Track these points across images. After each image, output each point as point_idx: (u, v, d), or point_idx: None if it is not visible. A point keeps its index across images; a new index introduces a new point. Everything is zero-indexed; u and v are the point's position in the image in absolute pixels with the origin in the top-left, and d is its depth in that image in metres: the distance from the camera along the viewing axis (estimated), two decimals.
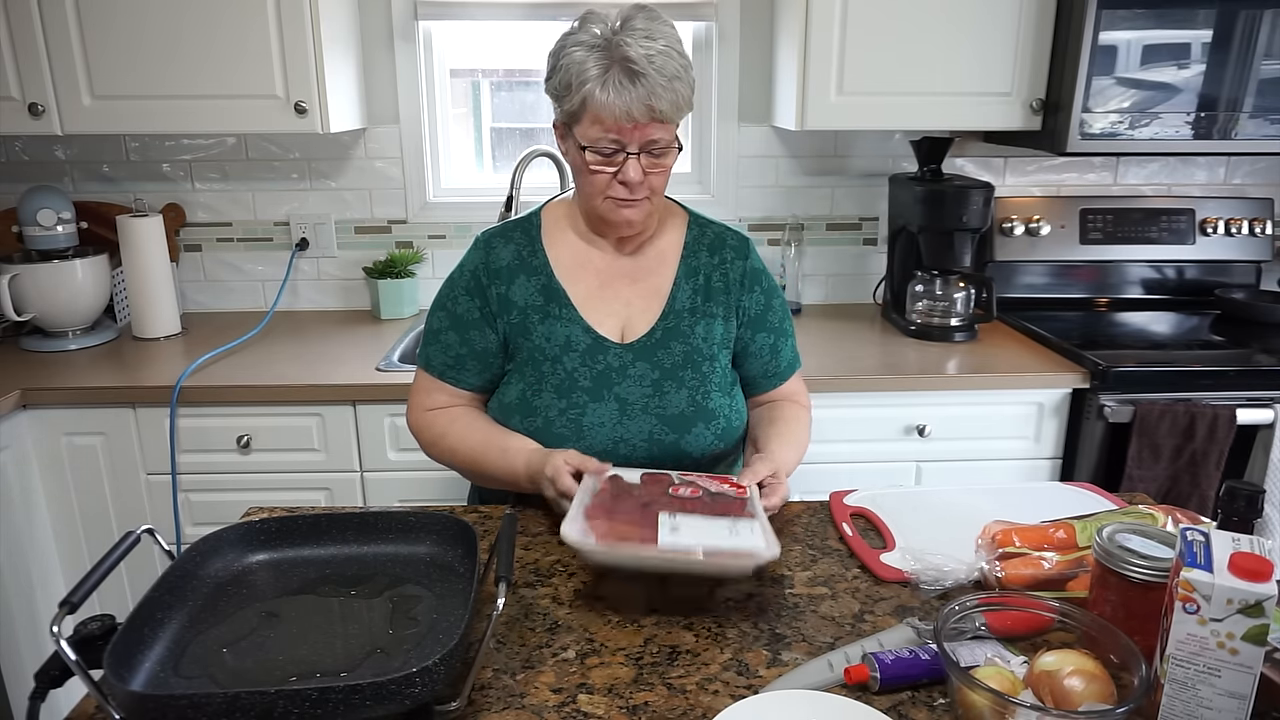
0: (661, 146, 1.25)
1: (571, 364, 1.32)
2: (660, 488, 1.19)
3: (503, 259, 1.36)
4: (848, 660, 0.93)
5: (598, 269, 1.37)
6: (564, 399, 1.32)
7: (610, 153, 1.24)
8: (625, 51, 1.19)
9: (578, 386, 1.32)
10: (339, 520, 1.09)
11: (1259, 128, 2.02)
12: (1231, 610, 0.76)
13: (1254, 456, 1.94)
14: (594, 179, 1.27)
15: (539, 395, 1.32)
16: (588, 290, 1.36)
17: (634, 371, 1.33)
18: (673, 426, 1.32)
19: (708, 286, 1.38)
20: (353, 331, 2.28)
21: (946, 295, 2.22)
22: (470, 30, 2.42)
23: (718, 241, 1.41)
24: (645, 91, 1.19)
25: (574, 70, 1.21)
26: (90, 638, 0.85)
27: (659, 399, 1.33)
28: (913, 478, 2.03)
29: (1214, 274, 2.47)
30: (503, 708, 0.89)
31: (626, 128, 1.21)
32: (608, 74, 1.19)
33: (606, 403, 1.32)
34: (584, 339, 1.33)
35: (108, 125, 2.01)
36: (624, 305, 1.36)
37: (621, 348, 1.34)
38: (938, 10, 2.02)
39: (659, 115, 1.21)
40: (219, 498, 1.96)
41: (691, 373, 1.34)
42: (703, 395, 1.34)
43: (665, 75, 1.20)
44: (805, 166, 2.45)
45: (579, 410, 1.31)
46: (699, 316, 1.36)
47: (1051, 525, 1.08)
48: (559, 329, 1.33)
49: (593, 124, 1.23)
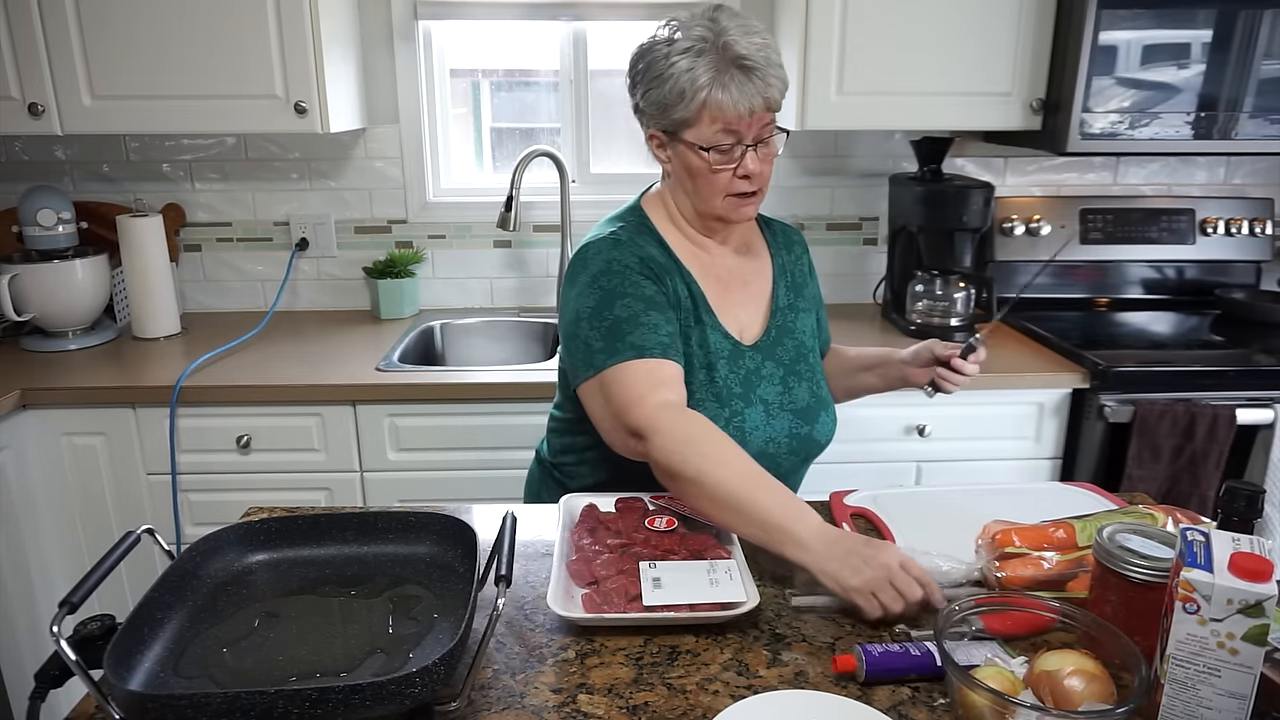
0: (773, 132, 1.27)
1: (721, 371, 1.31)
2: (635, 518, 1.20)
3: (651, 254, 1.29)
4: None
5: (718, 274, 1.37)
6: (726, 407, 1.30)
7: (728, 148, 1.25)
8: (735, 50, 1.20)
9: (732, 393, 1.31)
10: (339, 520, 1.09)
11: (1259, 128, 2.02)
12: (1231, 610, 0.76)
13: (1254, 456, 1.94)
14: (716, 179, 1.27)
15: (701, 406, 1.27)
16: (714, 293, 1.35)
17: (766, 371, 1.35)
18: (805, 419, 1.36)
19: (793, 282, 1.44)
20: (353, 331, 2.28)
21: (946, 295, 2.22)
22: (470, 30, 2.42)
23: (785, 238, 1.48)
24: (761, 84, 1.21)
25: (685, 78, 1.21)
26: (90, 638, 0.85)
27: (789, 395, 1.36)
28: (913, 478, 2.03)
29: (1214, 274, 2.47)
30: (503, 708, 0.89)
31: (746, 121, 1.23)
32: (724, 74, 1.20)
33: (754, 406, 1.32)
34: (725, 344, 1.33)
35: (108, 125, 2.01)
36: (741, 308, 1.37)
37: (752, 350, 1.35)
38: (938, 10, 2.02)
39: (774, 105, 1.24)
40: (219, 498, 1.96)
41: (805, 365, 1.39)
42: (817, 385, 1.40)
43: (774, 65, 1.23)
44: (805, 166, 2.45)
45: (740, 417, 1.31)
46: (796, 312, 1.42)
47: (1051, 525, 1.08)
48: (708, 335, 1.32)
49: (711, 124, 1.23)
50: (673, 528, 1.18)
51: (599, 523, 1.20)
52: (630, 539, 1.15)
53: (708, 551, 1.12)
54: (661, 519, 1.20)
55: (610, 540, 1.15)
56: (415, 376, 1.93)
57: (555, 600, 1.01)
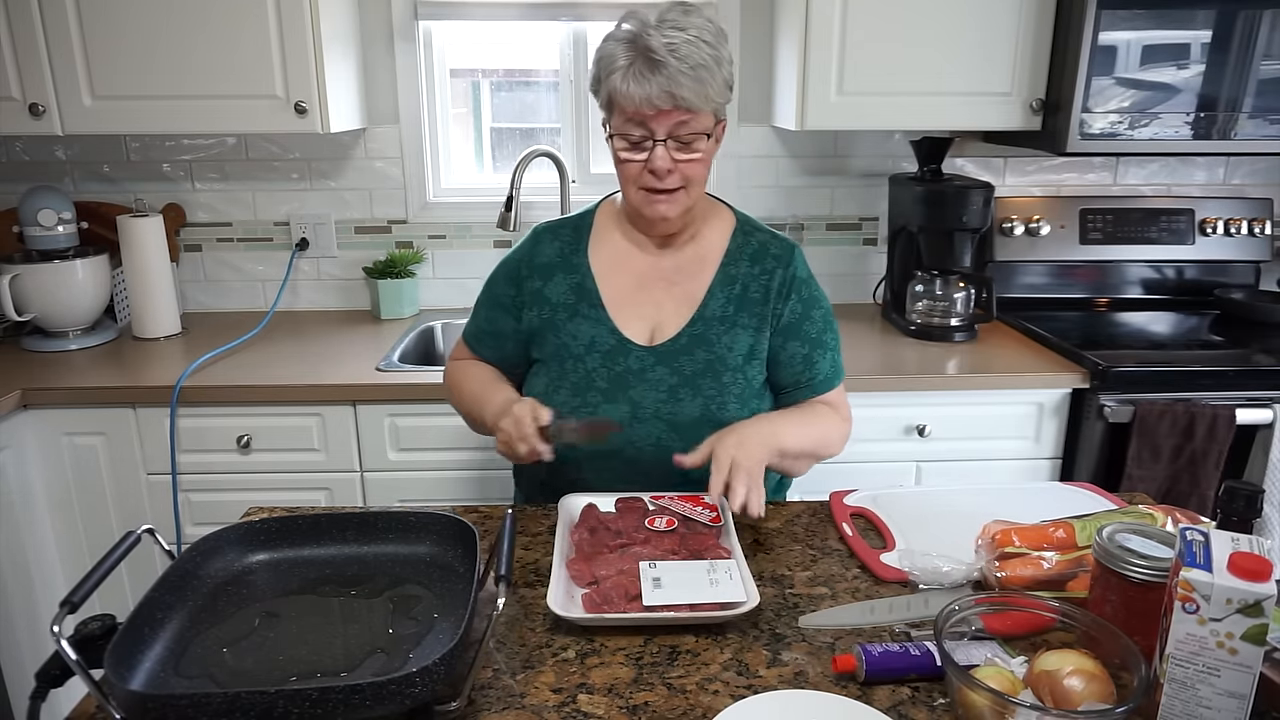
0: (690, 133, 1.26)
1: (592, 364, 1.34)
2: (635, 518, 1.21)
3: (545, 255, 1.40)
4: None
5: (636, 270, 1.38)
6: (578, 397, 1.33)
7: (638, 140, 1.26)
8: (647, 43, 1.21)
9: (594, 386, 1.33)
10: (339, 520, 1.09)
11: (1258, 128, 2.02)
12: (1231, 610, 0.76)
13: (1253, 456, 1.94)
14: (625, 168, 1.29)
15: (557, 392, 1.34)
16: (622, 291, 1.37)
17: (652, 376, 1.33)
18: (682, 434, 1.31)
19: (744, 296, 1.37)
20: (353, 331, 2.28)
21: (946, 295, 2.22)
22: (470, 30, 2.42)
23: (761, 251, 1.40)
24: (666, 79, 1.21)
25: (604, 64, 1.26)
26: (90, 637, 0.85)
27: (672, 405, 1.32)
28: (913, 478, 2.03)
29: (1213, 274, 2.47)
30: (503, 708, 0.89)
31: (649, 114, 1.23)
32: (632, 66, 1.22)
33: (619, 405, 1.32)
34: (608, 340, 1.34)
35: (108, 125, 2.01)
36: (656, 308, 1.37)
37: (644, 351, 1.34)
38: (938, 10, 2.02)
39: (682, 103, 1.22)
40: (219, 498, 1.96)
41: (711, 382, 1.33)
42: (718, 406, 1.32)
43: (688, 64, 1.21)
44: (805, 166, 2.45)
45: (591, 410, 1.32)
46: (728, 326, 1.35)
47: (1051, 525, 1.08)
48: (585, 328, 1.35)
49: (619, 113, 1.26)
50: (673, 528, 1.18)
51: (599, 523, 1.20)
52: (630, 539, 1.15)
53: (708, 551, 1.12)
54: (661, 519, 1.20)
55: (610, 540, 1.15)
56: (415, 376, 1.93)
57: (555, 600, 1.01)
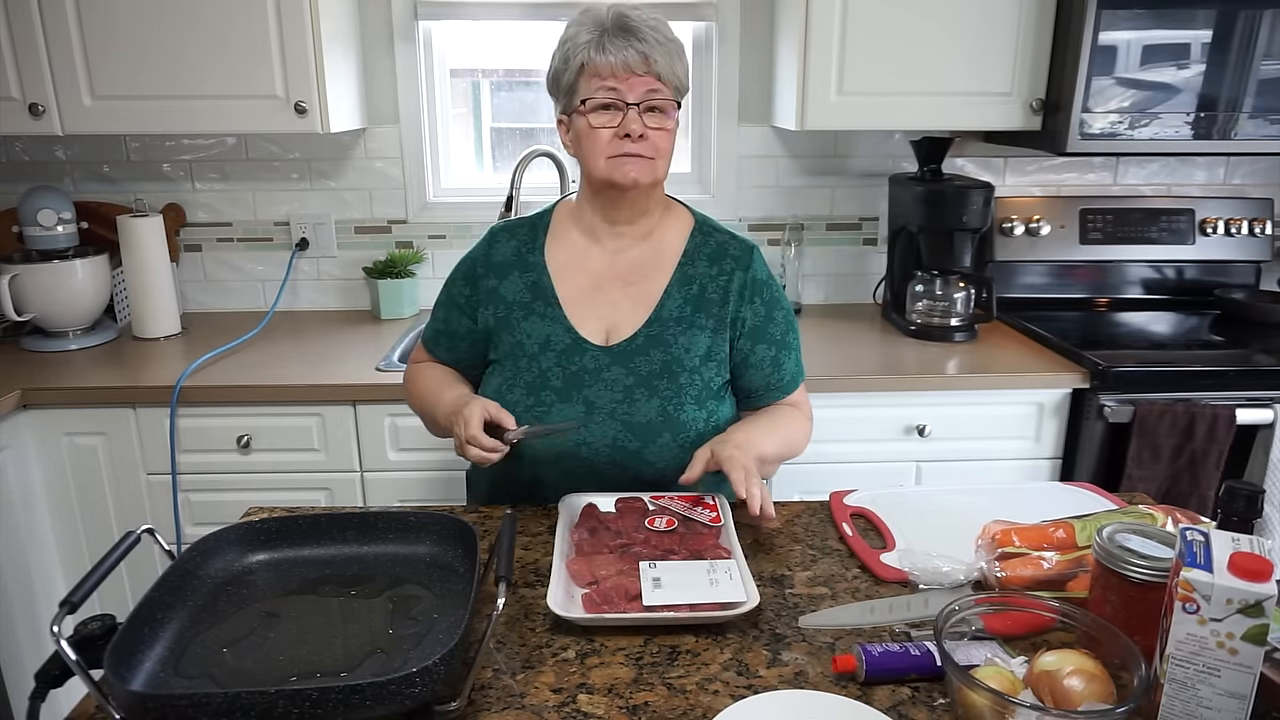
0: (662, 100, 1.27)
1: (547, 363, 1.33)
2: (635, 518, 1.21)
3: (502, 254, 1.40)
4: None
5: (592, 269, 1.37)
6: (532, 396, 1.32)
7: (610, 104, 1.26)
8: (624, 18, 1.25)
9: (548, 385, 1.32)
10: (339, 520, 1.09)
11: (1259, 128, 2.02)
12: (1231, 610, 0.76)
13: (1254, 456, 1.94)
14: (596, 136, 1.27)
15: (511, 391, 1.33)
16: (578, 290, 1.36)
17: (608, 376, 1.32)
18: (638, 434, 1.30)
19: (701, 297, 1.36)
20: (353, 331, 2.28)
21: (946, 295, 2.22)
22: (470, 30, 2.42)
23: (719, 251, 1.38)
24: (640, 45, 1.24)
25: (570, 45, 1.28)
26: (90, 637, 0.85)
27: (628, 405, 1.31)
28: (913, 478, 2.03)
29: (1214, 274, 2.47)
30: (503, 708, 0.89)
31: (623, 77, 1.25)
32: (603, 37, 1.24)
33: (574, 404, 1.31)
34: (563, 339, 1.34)
35: (108, 125, 2.01)
36: (612, 308, 1.36)
37: (599, 350, 1.33)
38: (938, 10, 2.02)
39: (655, 69, 1.25)
40: (219, 498, 1.96)
41: (667, 383, 1.32)
42: (675, 406, 1.31)
43: (662, 36, 1.25)
44: (805, 166, 2.45)
45: (545, 409, 1.31)
46: (684, 327, 1.34)
47: (1051, 525, 1.08)
48: (540, 327, 1.34)
49: (591, 79, 1.26)
50: (673, 528, 1.18)
51: (599, 523, 1.20)
52: (630, 539, 1.15)
53: (708, 551, 1.12)
54: (661, 519, 1.20)
55: (610, 540, 1.15)
56: None
57: (555, 600, 1.01)
